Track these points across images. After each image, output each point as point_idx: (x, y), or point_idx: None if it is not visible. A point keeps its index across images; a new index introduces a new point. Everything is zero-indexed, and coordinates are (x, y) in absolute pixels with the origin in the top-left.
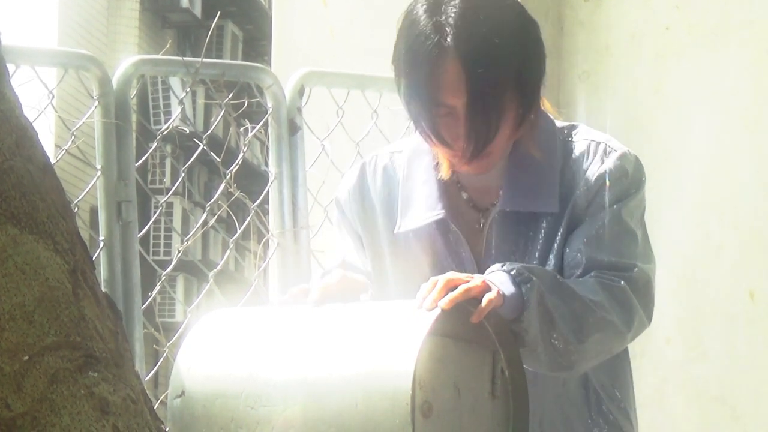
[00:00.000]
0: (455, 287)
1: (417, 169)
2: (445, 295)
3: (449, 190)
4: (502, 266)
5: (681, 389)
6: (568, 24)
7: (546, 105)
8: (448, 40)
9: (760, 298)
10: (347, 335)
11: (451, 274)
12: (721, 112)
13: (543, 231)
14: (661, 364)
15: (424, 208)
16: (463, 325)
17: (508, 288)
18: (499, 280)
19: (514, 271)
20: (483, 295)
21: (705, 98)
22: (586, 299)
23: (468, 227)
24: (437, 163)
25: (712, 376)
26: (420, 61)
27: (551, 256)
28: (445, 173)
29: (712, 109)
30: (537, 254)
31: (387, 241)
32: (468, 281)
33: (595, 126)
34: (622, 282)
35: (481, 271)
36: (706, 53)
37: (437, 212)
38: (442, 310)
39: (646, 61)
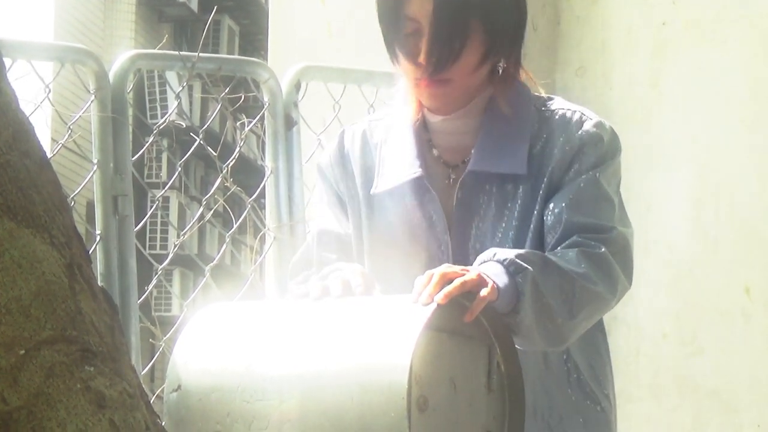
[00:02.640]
0: (451, 281)
1: (395, 132)
2: (441, 289)
3: (422, 149)
4: (495, 255)
5: (677, 384)
6: (564, 19)
7: (527, 75)
8: None
9: (756, 293)
10: (343, 329)
11: (446, 267)
12: (717, 107)
13: (520, 196)
14: (656, 358)
15: (400, 167)
16: (459, 319)
17: (503, 279)
18: (493, 271)
19: (507, 261)
20: (478, 289)
21: (702, 93)
22: (574, 274)
23: (438, 183)
24: (415, 123)
25: (708, 370)
26: None
27: (531, 222)
28: (413, 114)
29: (708, 104)
30: (515, 219)
31: (364, 204)
32: (463, 275)
33: None
34: (603, 248)
35: (450, 229)
36: (703, 48)
37: (414, 171)
38: (438, 304)
39: (643, 56)
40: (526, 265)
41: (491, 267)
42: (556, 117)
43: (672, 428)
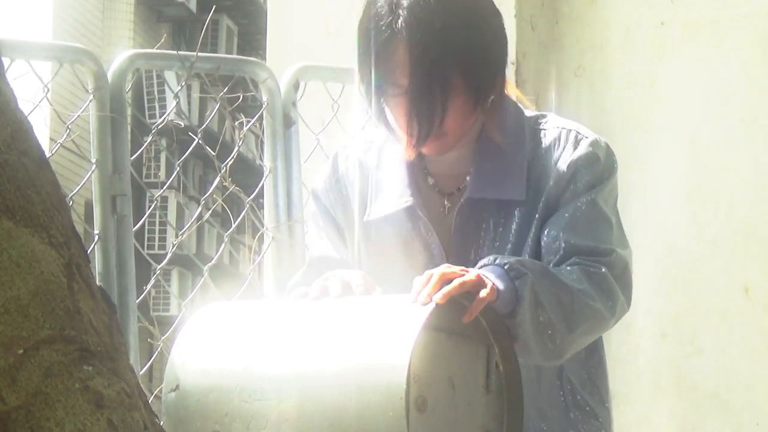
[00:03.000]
0: (450, 281)
1: (387, 157)
2: (440, 289)
3: (416, 176)
4: (496, 260)
5: (675, 384)
6: (563, 19)
7: (516, 93)
8: (400, 21)
9: (755, 293)
10: (342, 329)
11: (446, 267)
12: (716, 107)
13: (516, 219)
14: (655, 359)
15: (392, 195)
16: (457, 319)
17: (502, 282)
18: (493, 274)
19: (508, 265)
20: (477, 290)
21: (700, 93)
22: (574, 289)
23: (433, 211)
24: (410, 157)
25: (707, 371)
26: (373, 41)
27: (527, 245)
28: (409, 155)
29: (707, 104)
30: (510, 242)
31: (360, 229)
32: (463, 275)
33: (589, 121)
34: (604, 269)
35: (447, 257)
36: (702, 48)
37: (405, 199)
38: (436, 304)
39: (642, 56)
40: (526, 271)
41: (491, 270)
42: (551, 137)
43: (671, 428)
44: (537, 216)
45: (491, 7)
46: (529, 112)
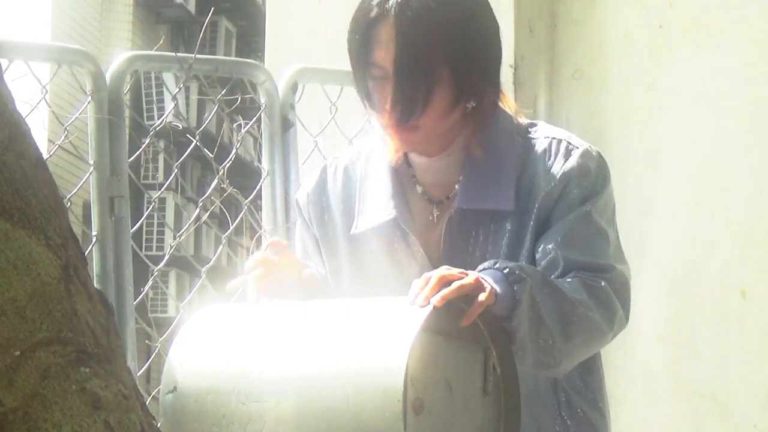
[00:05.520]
0: (448, 283)
1: (374, 168)
2: (438, 291)
3: (404, 185)
4: (495, 264)
5: (672, 387)
6: (561, 22)
7: (507, 102)
8: (390, 3)
9: (752, 296)
10: (339, 331)
11: (444, 270)
12: (714, 111)
13: (507, 230)
14: (652, 361)
15: (377, 207)
16: (455, 321)
17: (501, 286)
18: (491, 278)
19: (507, 269)
20: (476, 293)
21: (698, 96)
22: (573, 299)
23: (421, 220)
24: (395, 160)
25: (704, 373)
26: (362, 22)
27: (520, 257)
28: (392, 155)
29: (705, 107)
30: (502, 253)
31: (344, 242)
32: (461, 278)
33: (588, 124)
34: (603, 282)
35: (434, 268)
36: (700, 51)
37: (389, 212)
38: (434, 306)
39: (640, 59)
40: (525, 276)
41: (490, 273)
42: (541, 147)
43: (667, 431)
44: (530, 228)
45: (488, 10)
46: (521, 121)
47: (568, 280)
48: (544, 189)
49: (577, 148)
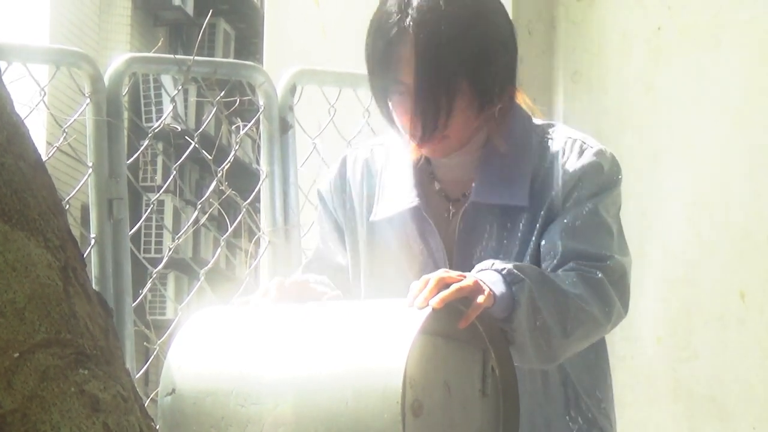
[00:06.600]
0: (447, 285)
1: (395, 160)
2: (437, 293)
3: (423, 180)
4: (493, 265)
5: (671, 389)
6: (560, 24)
7: (525, 101)
8: (408, 20)
9: (751, 298)
10: (338, 333)
11: (443, 272)
12: (712, 112)
13: (520, 226)
14: (651, 363)
15: (398, 196)
16: (454, 323)
17: (499, 288)
18: (490, 279)
19: (505, 270)
20: (474, 295)
21: (697, 98)
22: (570, 294)
23: (438, 216)
24: (415, 157)
25: (703, 375)
26: (381, 39)
27: (528, 252)
28: (413, 156)
29: (703, 109)
30: (515, 248)
31: (364, 231)
32: (460, 280)
33: (587, 126)
34: (600, 274)
35: (450, 260)
36: (698, 53)
37: (411, 200)
38: (433, 308)
39: (638, 61)
40: (523, 276)
41: (489, 275)
42: (557, 147)
43: None
44: (539, 222)
45: (502, 11)
46: (538, 121)
47: (565, 273)
48: (557, 185)
49: (592, 147)
